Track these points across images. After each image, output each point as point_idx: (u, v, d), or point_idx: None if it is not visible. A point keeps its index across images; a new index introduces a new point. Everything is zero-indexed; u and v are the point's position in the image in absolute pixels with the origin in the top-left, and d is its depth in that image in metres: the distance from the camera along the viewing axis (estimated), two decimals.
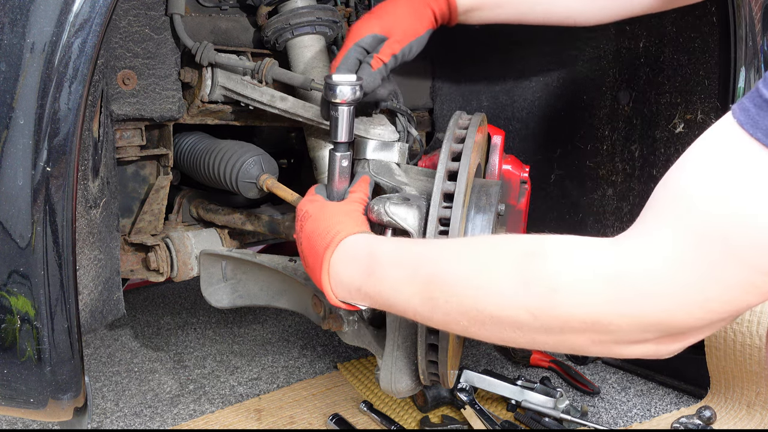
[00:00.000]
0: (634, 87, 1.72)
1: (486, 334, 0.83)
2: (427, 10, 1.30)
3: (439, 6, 1.31)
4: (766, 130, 0.65)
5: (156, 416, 1.83)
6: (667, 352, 0.77)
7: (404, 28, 1.28)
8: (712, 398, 1.73)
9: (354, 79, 1.14)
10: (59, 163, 0.94)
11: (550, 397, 1.70)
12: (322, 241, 1.00)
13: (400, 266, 0.90)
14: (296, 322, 2.39)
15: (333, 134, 1.16)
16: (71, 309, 1.01)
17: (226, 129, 1.73)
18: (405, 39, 1.28)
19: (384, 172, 1.28)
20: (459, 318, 0.84)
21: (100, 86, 1.14)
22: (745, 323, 1.63)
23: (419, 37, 1.29)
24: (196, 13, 1.53)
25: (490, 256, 0.85)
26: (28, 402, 1.06)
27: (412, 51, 1.29)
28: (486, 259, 0.85)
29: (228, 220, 1.64)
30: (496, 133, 1.42)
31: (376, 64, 1.25)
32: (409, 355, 1.27)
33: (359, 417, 1.75)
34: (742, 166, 0.67)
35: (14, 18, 0.91)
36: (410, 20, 1.29)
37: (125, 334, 2.33)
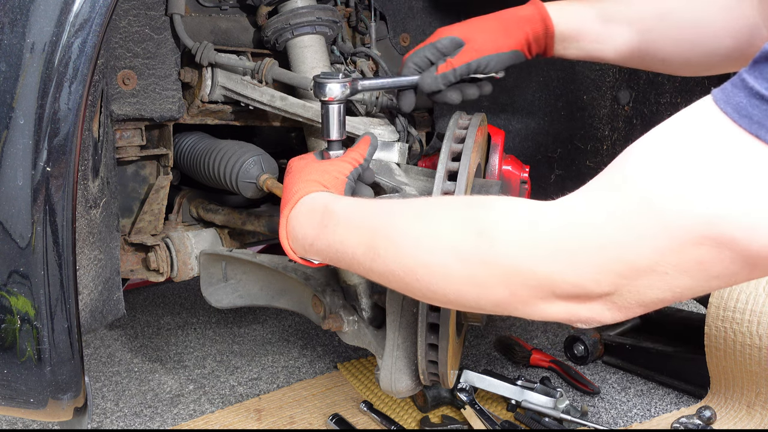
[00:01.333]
0: (634, 87, 1.72)
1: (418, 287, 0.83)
2: (519, 31, 1.22)
3: (534, 28, 1.22)
4: (735, 105, 0.65)
5: (156, 416, 1.83)
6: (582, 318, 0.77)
7: (485, 39, 1.22)
8: (712, 398, 1.73)
9: (341, 77, 1.14)
10: (59, 163, 0.94)
11: (550, 397, 1.71)
12: (287, 197, 1.01)
13: (351, 219, 0.91)
14: (296, 322, 2.39)
15: (324, 132, 1.16)
16: (71, 309, 1.01)
17: (226, 129, 1.73)
18: (483, 50, 1.21)
19: (384, 172, 1.28)
20: (395, 268, 0.84)
21: (100, 86, 1.14)
22: (745, 323, 1.63)
23: (501, 53, 1.22)
24: (196, 13, 1.53)
25: (436, 207, 0.87)
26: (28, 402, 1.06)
27: (490, 66, 1.22)
28: (431, 209, 0.87)
29: (228, 220, 1.64)
30: (496, 133, 1.42)
31: (443, 68, 1.21)
32: (409, 355, 1.27)
33: (359, 417, 1.75)
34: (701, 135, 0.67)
35: (14, 18, 0.91)
36: (495, 34, 1.22)
37: (125, 334, 2.33)
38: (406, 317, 1.24)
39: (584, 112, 1.84)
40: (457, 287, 0.80)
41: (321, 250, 0.94)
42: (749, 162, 0.63)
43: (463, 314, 1.28)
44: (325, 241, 0.93)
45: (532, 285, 0.75)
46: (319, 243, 0.94)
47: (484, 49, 1.22)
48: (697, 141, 0.67)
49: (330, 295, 1.41)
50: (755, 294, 1.64)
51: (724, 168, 0.65)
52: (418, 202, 0.89)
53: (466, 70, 1.22)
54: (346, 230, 0.90)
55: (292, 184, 1.03)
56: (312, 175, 1.04)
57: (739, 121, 0.64)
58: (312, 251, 0.96)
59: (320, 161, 1.09)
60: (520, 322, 2.33)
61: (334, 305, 1.41)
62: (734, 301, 1.65)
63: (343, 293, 1.43)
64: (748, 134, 0.63)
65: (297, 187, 1.01)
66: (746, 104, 0.64)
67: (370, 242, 0.87)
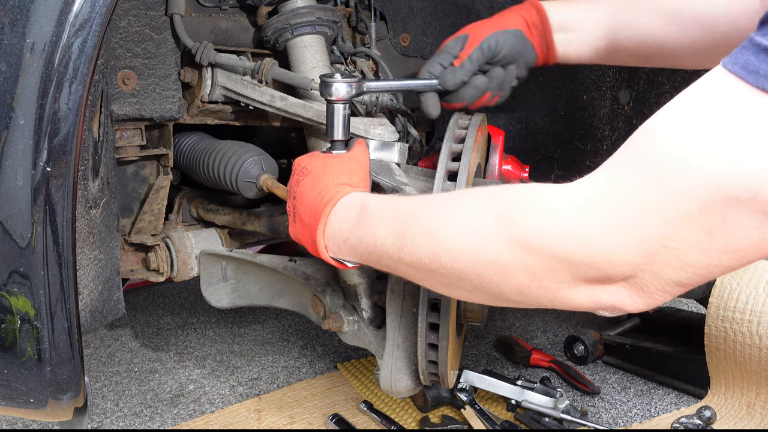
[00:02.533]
0: (634, 87, 1.72)
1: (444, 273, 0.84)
2: (514, 15, 1.28)
3: (528, 14, 1.28)
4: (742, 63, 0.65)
5: (156, 416, 1.83)
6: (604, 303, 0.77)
7: (487, 26, 1.27)
8: (712, 398, 1.73)
9: (349, 77, 1.14)
10: (59, 163, 0.94)
11: (550, 397, 1.71)
12: (323, 198, 1.01)
13: (383, 212, 0.93)
14: (296, 322, 2.39)
15: (328, 132, 1.16)
16: (71, 309, 1.01)
17: (226, 129, 1.73)
18: (488, 32, 1.26)
19: (384, 172, 1.28)
20: (422, 254, 0.85)
21: (100, 86, 1.14)
22: (745, 323, 1.63)
23: (504, 29, 1.26)
24: (196, 13, 1.53)
25: (463, 195, 0.89)
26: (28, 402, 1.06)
27: (499, 44, 1.25)
28: (459, 196, 0.89)
29: (228, 220, 1.64)
30: (496, 133, 1.42)
31: (458, 60, 1.25)
32: (409, 355, 1.27)
33: (359, 417, 1.75)
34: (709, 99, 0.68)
35: (14, 18, 0.91)
36: (494, 20, 1.29)
37: (125, 334, 2.33)
38: (406, 317, 1.24)
39: (584, 112, 1.83)
40: (480, 271, 0.80)
41: (354, 245, 0.96)
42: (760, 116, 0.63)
43: (463, 314, 1.28)
44: (357, 236, 0.94)
45: (551, 266, 0.75)
46: (353, 238, 0.95)
47: (488, 32, 1.26)
48: (705, 105, 0.67)
49: (330, 295, 1.41)
50: (755, 294, 1.64)
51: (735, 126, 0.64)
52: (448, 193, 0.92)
53: (480, 54, 1.25)
54: (378, 223, 0.92)
55: (320, 185, 1.03)
56: (341, 176, 1.05)
57: (746, 78, 0.64)
58: (345, 248, 0.97)
59: (340, 159, 1.09)
60: (520, 321, 2.33)
61: (334, 305, 1.41)
62: (734, 301, 1.65)
63: (343, 293, 1.43)
64: (756, 89, 0.64)
65: (330, 189, 1.02)
66: (754, 60, 0.64)
67: (399, 231, 0.88)
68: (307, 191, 1.04)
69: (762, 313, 1.61)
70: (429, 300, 1.15)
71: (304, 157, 1.12)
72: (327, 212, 0.99)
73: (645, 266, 0.71)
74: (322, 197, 1.01)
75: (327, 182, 1.03)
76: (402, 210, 0.91)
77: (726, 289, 1.67)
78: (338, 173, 1.06)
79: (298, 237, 1.06)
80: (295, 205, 1.06)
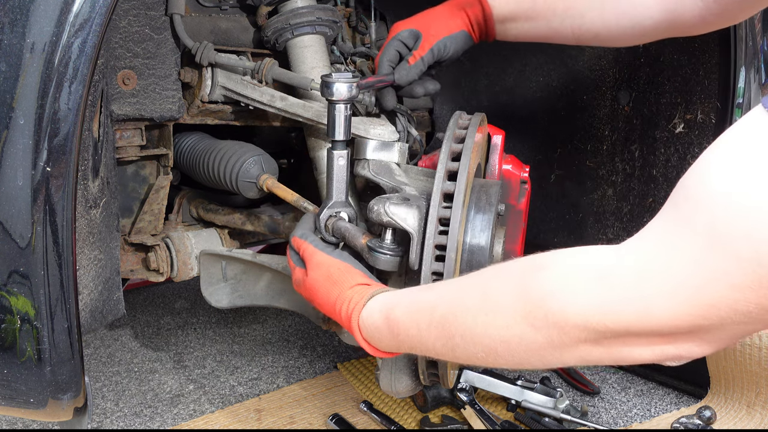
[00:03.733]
0: (634, 87, 1.72)
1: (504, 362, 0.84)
2: (461, 12, 1.36)
3: (474, 11, 1.36)
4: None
5: (156, 416, 1.83)
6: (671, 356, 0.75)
7: (438, 25, 1.36)
8: (712, 398, 1.73)
9: (350, 77, 1.14)
10: (59, 163, 0.94)
11: (550, 397, 1.70)
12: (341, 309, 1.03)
13: (417, 322, 0.92)
14: (296, 322, 2.39)
15: (330, 132, 1.16)
16: (71, 309, 1.01)
17: (226, 129, 1.73)
18: (438, 35, 1.35)
19: (384, 172, 1.28)
20: (475, 350, 0.85)
21: (100, 86, 1.14)
22: None
23: (453, 34, 1.35)
24: (196, 13, 1.53)
25: (493, 280, 0.86)
26: (28, 402, 1.06)
27: (447, 47, 1.35)
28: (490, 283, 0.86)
29: (228, 220, 1.64)
30: (496, 133, 1.42)
31: (413, 59, 1.33)
32: (409, 355, 1.27)
33: (359, 417, 1.75)
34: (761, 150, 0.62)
35: (14, 18, 0.91)
36: (444, 19, 1.36)
37: (125, 334, 2.33)
38: None
39: (584, 112, 1.83)
40: (539, 354, 0.79)
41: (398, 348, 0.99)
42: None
43: None
44: (407, 346, 0.96)
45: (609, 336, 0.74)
46: (403, 348, 0.97)
47: (439, 34, 1.35)
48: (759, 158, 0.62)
49: None
50: None
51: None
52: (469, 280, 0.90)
53: (431, 56, 1.35)
54: (418, 333, 0.92)
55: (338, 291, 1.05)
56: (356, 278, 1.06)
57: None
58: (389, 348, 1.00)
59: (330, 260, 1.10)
60: None
61: None
62: None
63: None
64: None
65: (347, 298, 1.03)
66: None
67: (443, 335, 0.88)
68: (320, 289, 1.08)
69: None
70: None
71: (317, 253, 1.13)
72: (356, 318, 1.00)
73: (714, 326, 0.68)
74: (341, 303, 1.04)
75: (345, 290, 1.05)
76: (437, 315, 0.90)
77: None
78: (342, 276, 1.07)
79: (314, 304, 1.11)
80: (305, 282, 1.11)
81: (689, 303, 0.67)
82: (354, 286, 1.04)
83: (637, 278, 0.70)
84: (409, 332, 0.93)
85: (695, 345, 0.72)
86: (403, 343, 0.95)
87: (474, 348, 0.85)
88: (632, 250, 0.72)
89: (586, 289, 0.73)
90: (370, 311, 1.00)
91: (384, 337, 0.97)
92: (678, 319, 0.69)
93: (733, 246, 0.63)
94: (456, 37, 1.36)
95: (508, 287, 0.81)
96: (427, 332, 0.90)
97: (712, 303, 0.66)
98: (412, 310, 0.94)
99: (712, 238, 0.64)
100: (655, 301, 0.69)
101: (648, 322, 0.70)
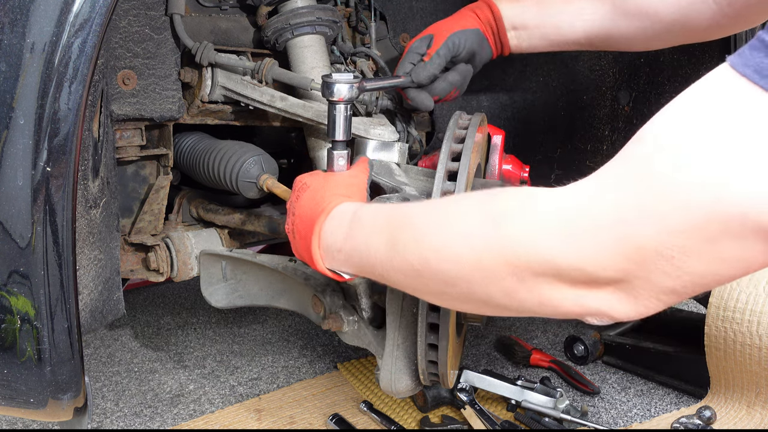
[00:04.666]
0: (634, 87, 1.72)
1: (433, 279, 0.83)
2: (472, 15, 1.39)
3: (483, 12, 1.39)
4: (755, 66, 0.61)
5: (156, 416, 1.83)
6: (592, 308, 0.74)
7: (449, 24, 1.38)
8: (712, 398, 1.73)
9: (351, 77, 1.14)
10: (59, 163, 0.94)
11: (550, 397, 1.70)
12: (317, 209, 1.01)
13: (375, 220, 0.93)
14: (296, 322, 2.39)
15: (330, 133, 1.16)
16: (71, 309, 1.01)
17: (226, 129, 1.73)
18: (451, 30, 1.37)
19: (384, 172, 1.28)
20: (413, 259, 0.84)
21: (100, 86, 1.14)
22: (745, 323, 1.63)
23: (465, 29, 1.37)
24: (196, 13, 1.53)
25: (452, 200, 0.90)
26: (28, 402, 1.06)
27: (461, 41, 1.36)
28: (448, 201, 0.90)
29: (228, 220, 1.63)
30: (496, 133, 1.42)
31: (427, 57, 1.36)
32: (409, 355, 1.27)
33: (359, 417, 1.75)
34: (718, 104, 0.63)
35: (14, 18, 0.91)
36: (454, 19, 1.40)
37: (125, 334, 2.33)
38: (406, 317, 1.24)
39: (584, 112, 1.84)
40: (468, 275, 0.79)
41: (348, 255, 0.95)
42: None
43: (463, 314, 1.28)
44: (351, 245, 0.94)
45: (537, 268, 0.73)
46: (346, 247, 0.95)
47: (451, 30, 1.37)
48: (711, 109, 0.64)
49: (330, 295, 1.41)
50: (755, 294, 1.64)
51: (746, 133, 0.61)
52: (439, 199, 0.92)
53: (446, 50, 1.35)
54: (370, 231, 0.92)
55: (318, 198, 1.04)
56: (338, 189, 1.06)
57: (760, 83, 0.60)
58: (340, 258, 0.97)
59: (340, 176, 1.11)
60: (520, 321, 2.33)
61: (334, 305, 1.41)
62: (734, 301, 1.65)
63: (343, 293, 1.43)
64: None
65: (326, 200, 1.02)
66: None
67: (391, 239, 0.88)
68: (305, 205, 1.05)
69: (762, 313, 1.61)
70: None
71: (305, 175, 1.13)
72: (321, 221, 0.99)
73: (638, 272, 0.68)
74: (317, 207, 1.02)
75: (323, 194, 1.04)
76: (393, 217, 0.91)
77: (726, 289, 1.67)
78: (337, 186, 1.06)
79: (300, 252, 1.06)
80: (294, 221, 1.06)
81: (616, 243, 0.68)
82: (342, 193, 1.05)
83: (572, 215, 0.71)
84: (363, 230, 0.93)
85: (616, 300, 0.72)
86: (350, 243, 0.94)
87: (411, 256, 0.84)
88: (574, 189, 0.73)
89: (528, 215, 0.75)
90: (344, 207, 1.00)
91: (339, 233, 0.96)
92: (603, 259, 0.69)
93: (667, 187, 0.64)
94: (468, 33, 1.37)
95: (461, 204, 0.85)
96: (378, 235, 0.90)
97: (638, 245, 0.67)
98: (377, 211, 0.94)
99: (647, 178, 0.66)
100: (582, 239, 0.70)
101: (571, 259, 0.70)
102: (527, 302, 0.77)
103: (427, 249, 0.83)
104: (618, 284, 0.70)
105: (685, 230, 0.64)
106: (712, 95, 0.65)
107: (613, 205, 0.68)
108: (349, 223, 0.96)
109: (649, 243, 0.66)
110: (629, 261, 0.68)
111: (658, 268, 0.67)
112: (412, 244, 0.85)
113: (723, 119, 0.62)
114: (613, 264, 0.69)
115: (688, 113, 0.66)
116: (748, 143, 0.61)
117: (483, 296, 0.80)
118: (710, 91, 0.66)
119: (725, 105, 0.63)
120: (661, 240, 0.65)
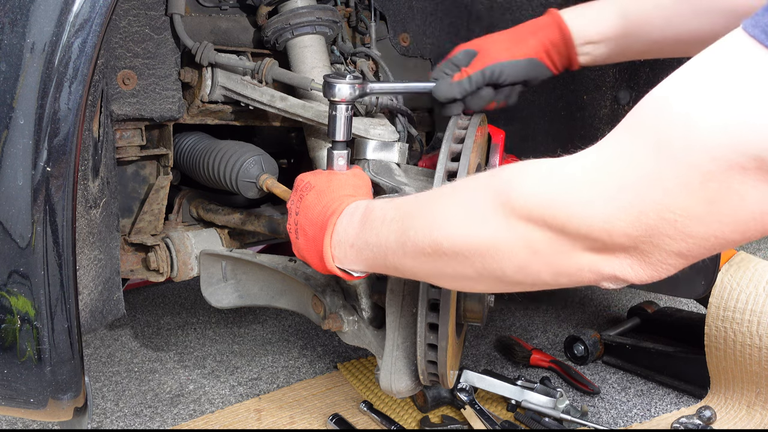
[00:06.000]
0: (634, 87, 1.72)
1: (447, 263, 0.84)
2: (533, 38, 1.22)
3: (549, 35, 1.21)
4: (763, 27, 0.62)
5: (156, 416, 1.83)
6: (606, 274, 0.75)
7: (499, 48, 1.22)
8: (712, 398, 1.73)
9: (352, 78, 1.14)
10: (59, 163, 0.94)
11: (550, 397, 1.71)
12: (328, 209, 1.01)
13: (386, 211, 0.93)
14: (296, 322, 2.39)
15: (331, 133, 1.16)
16: (71, 309, 1.01)
17: (226, 129, 1.73)
18: (496, 58, 1.21)
19: (384, 172, 1.28)
20: (425, 245, 0.85)
21: (100, 86, 1.14)
22: (746, 323, 1.63)
23: (513, 60, 1.21)
24: (196, 13, 1.53)
25: (461, 182, 0.90)
26: (28, 402, 1.06)
27: (504, 73, 1.21)
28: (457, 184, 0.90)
29: (228, 220, 1.63)
30: (496, 133, 1.42)
31: (458, 76, 1.22)
32: (409, 355, 1.27)
33: (359, 417, 1.75)
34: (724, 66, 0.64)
35: (14, 18, 0.91)
36: (508, 43, 1.23)
37: (125, 334, 2.33)
38: (406, 317, 1.24)
39: (584, 112, 1.83)
40: (482, 252, 0.80)
41: (360, 249, 0.96)
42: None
43: (463, 314, 1.28)
44: (363, 239, 0.95)
45: (549, 237, 0.74)
46: (359, 242, 0.95)
47: (496, 57, 1.21)
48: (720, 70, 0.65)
49: (330, 295, 1.41)
50: (755, 294, 1.64)
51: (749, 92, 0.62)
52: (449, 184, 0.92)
53: (481, 78, 1.21)
54: (381, 222, 0.92)
55: (325, 198, 1.04)
56: (345, 189, 1.06)
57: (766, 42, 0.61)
58: (352, 253, 0.97)
59: (344, 175, 1.11)
60: (520, 321, 2.33)
61: (334, 305, 1.41)
62: (734, 301, 1.65)
63: (343, 293, 1.43)
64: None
65: (336, 201, 1.02)
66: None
67: (402, 227, 0.89)
68: (311, 205, 1.04)
69: (762, 313, 1.61)
70: (428, 300, 1.15)
71: (307, 174, 1.12)
72: (333, 221, 0.99)
73: (645, 238, 0.70)
74: (327, 208, 1.02)
75: (332, 195, 1.04)
76: (403, 206, 0.92)
77: (726, 289, 1.67)
78: (343, 187, 1.06)
79: (302, 253, 1.06)
80: (298, 221, 1.06)
81: (622, 207, 0.69)
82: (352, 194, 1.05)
83: (582, 179, 0.72)
84: (374, 223, 0.93)
85: (629, 265, 0.73)
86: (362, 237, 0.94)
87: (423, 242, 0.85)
88: (585, 155, 0.74)
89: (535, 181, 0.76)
90: (356, 204, 1.00)
91: (351, 228, 0.96)
92: (611, 224, 0.70)
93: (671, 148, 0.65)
94: (518, 65, 1.21)
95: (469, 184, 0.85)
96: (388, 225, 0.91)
97: (643, 208, 0.68)
98: (388, 204, 0.95)
99: (653, 141, 0.67)
100: (593, 204, 0.71)
101: (583, 222, 0.72)
102: (542, 274, 0.79)
103: (437, 230, 0.84)
104: (629, 250, 0.72)
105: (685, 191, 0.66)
106: (723, 56, 0.66)
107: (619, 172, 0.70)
108: (360, 219, 0.96)
109: (652, 207, 0.68)
110: (636, 227, 0.69)
111: (663, 233, 0.69)
112: (423, 228, 0.86)
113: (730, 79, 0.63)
114: (622, 231, 0.70)
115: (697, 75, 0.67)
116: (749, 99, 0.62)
117: (498, 273, 0.81)
118: (721, 53, 0.66)
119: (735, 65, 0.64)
120: (663, 203, 0.67)
